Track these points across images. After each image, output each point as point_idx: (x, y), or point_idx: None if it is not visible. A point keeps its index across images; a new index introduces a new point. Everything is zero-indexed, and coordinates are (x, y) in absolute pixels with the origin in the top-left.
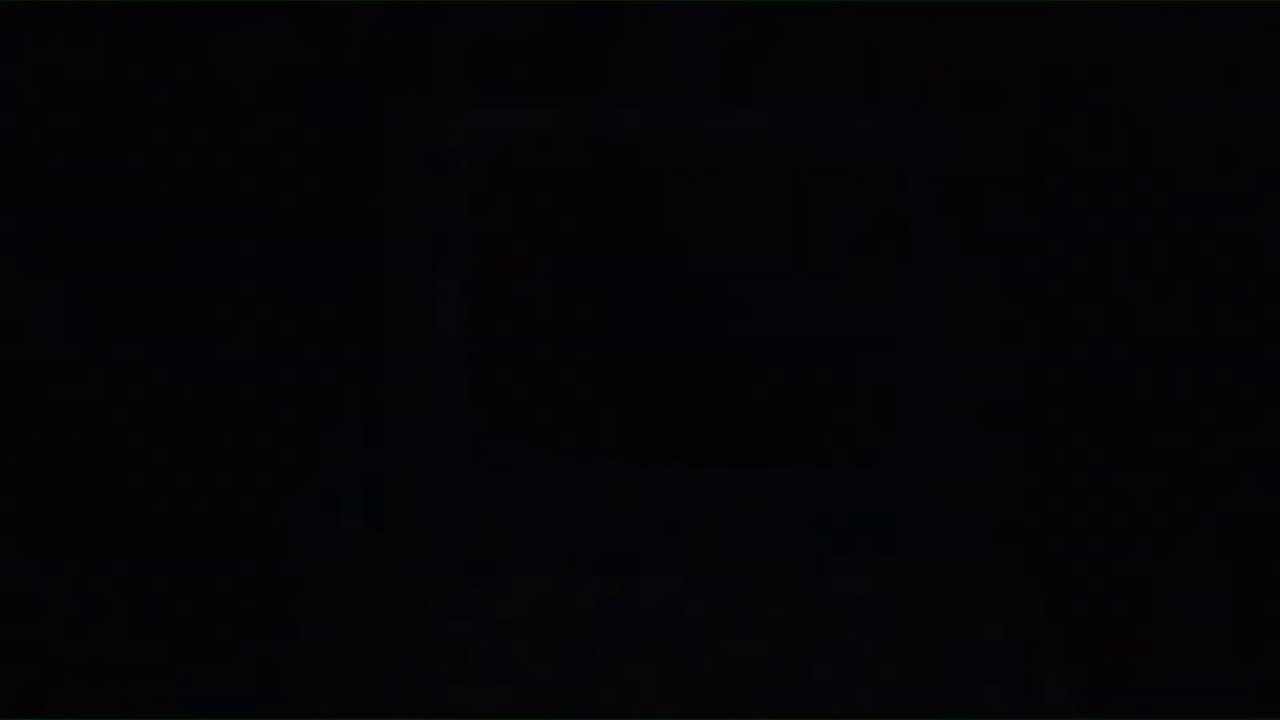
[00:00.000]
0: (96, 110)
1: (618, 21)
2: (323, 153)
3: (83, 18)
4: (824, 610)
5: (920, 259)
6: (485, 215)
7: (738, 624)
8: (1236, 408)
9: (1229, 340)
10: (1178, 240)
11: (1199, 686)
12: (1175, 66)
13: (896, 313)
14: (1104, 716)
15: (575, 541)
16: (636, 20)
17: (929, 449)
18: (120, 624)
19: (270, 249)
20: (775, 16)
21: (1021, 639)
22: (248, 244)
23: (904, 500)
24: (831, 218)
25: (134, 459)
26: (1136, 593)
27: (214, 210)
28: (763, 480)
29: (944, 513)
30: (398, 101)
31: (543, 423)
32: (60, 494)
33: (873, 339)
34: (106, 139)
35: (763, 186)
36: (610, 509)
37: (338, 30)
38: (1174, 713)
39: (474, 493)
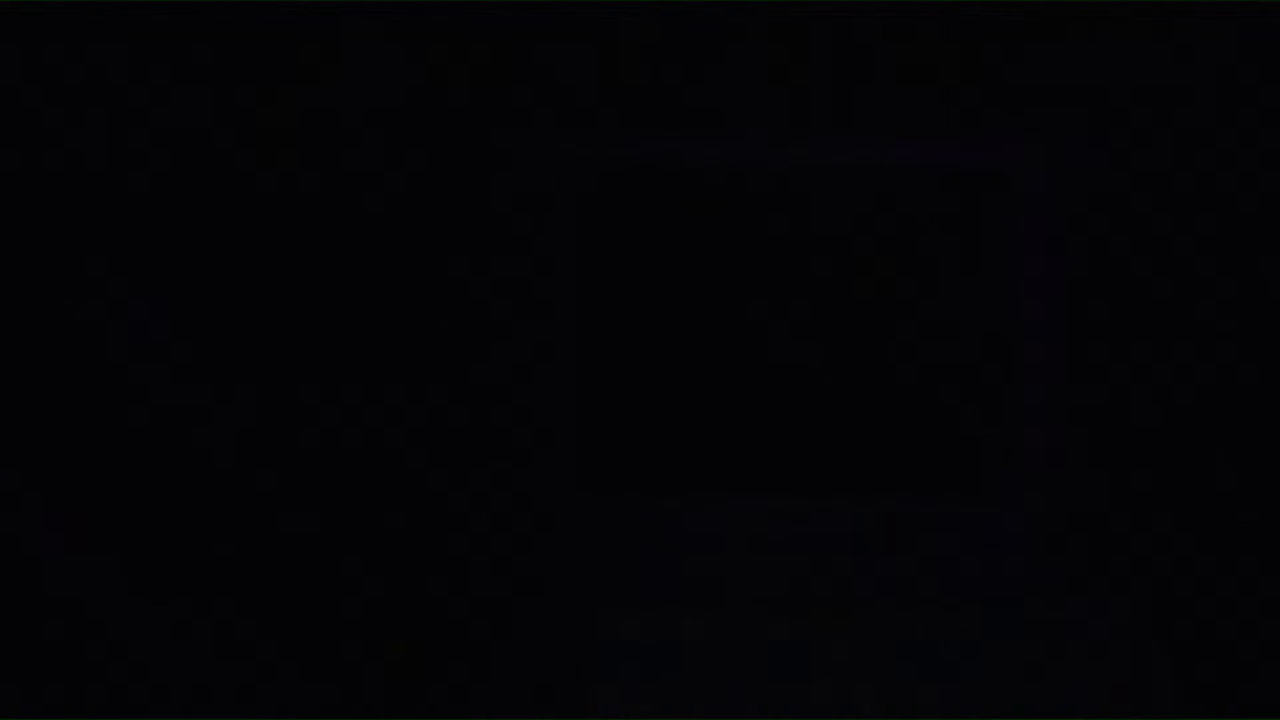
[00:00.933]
0: (203, 141)
1: (721, 51)
2: (429, 183)
3: (194, 43)
4: (936, 640)
5: (1031, 285)
6: (591, 244)
7: (849, 657)
8: None
9: None
10: None
11: None
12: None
13: (1006, 340)
14: None
15: (693, 573)
16: (740, 50)
17: (1039, 476)
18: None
19: (377, 281)
20: (881, 43)
21: (1135, 668)
22: (352, 274)
23: (1015, 527)
24: (940, 247)
25: (261, 496)
26: (1252, 617)
27: (318, 238)
28: (869, 511)
29: (1054, 539)
30: (504, 132)
31: (652, 454)
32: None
33: (982, 367)
34: (216, 171)
35: (867, 215)
36: (723, 539)
37: (444, 61)
38: None
39: (589, 524)
